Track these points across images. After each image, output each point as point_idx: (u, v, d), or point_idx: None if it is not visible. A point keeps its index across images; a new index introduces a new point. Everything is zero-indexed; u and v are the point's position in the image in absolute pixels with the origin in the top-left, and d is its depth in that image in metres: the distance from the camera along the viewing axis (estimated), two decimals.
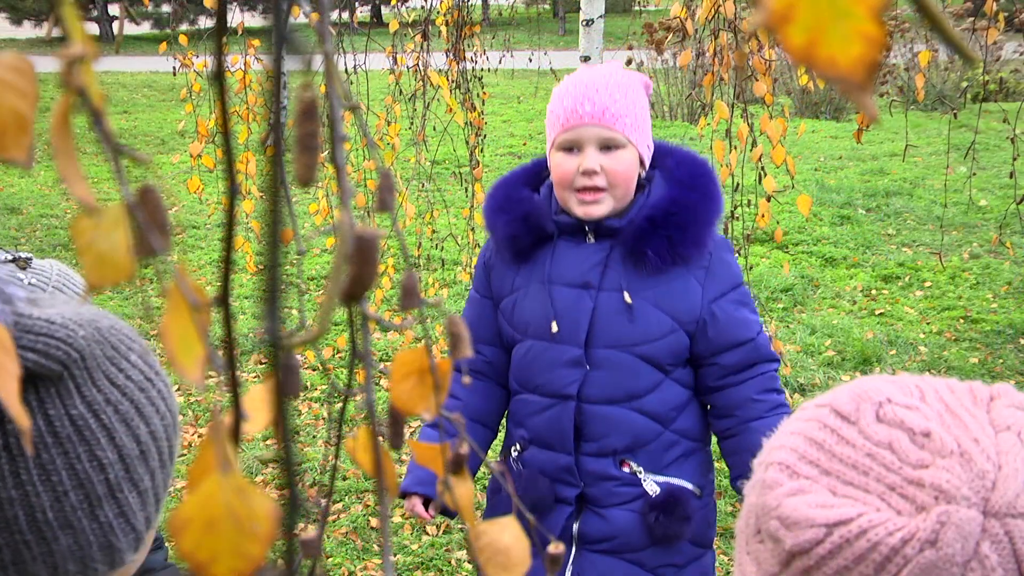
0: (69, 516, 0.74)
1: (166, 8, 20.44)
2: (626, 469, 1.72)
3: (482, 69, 4.38)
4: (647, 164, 1.71)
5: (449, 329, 0.43)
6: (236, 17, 4.09)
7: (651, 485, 1.70)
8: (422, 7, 4.00)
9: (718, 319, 1.68)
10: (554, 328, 1.70)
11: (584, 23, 3.75)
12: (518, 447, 1.80)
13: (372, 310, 0.37)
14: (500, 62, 7.99)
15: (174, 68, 4.05)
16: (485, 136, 4.38)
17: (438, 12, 3.93)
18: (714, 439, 1.81)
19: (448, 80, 3.96)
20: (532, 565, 0.44)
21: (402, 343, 4.38)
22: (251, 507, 0.33)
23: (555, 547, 0.44)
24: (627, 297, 1.67)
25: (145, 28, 24.24)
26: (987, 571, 0.60)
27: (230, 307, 0.34)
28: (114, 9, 22.33)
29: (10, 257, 1.09)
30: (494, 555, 0.43)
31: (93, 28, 22.04)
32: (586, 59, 3.75)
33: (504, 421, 1.91)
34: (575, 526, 1.75)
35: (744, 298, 1.73)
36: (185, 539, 0.32)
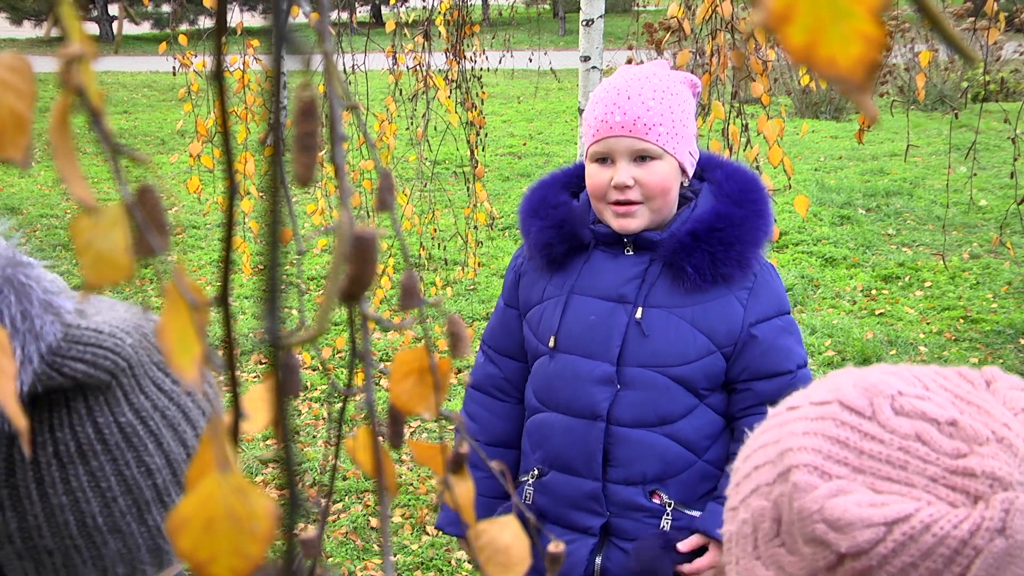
0: (118, 521, 0.75)
1: (166, 8, 20.44)
2: (656, 500, 1.60)
3: (482, 69, 4.38)
4: (690, 173, 1.62)
5: (448, 329, 0.43)
6: (236, 17, 4.10)
7: (668, 521, 1.59)
8: (422, 7, 4.00)
9: (759, 342, 1.58)
10: (551, 343, 1.62)
11: (584, 23, 3.75)
12: (536, 472, 1.67)
13: (371, 310, 0.37)
14: (500, 62, 7.99)
15: (174, 68, 4.05)
16: (487, 135, 4.38)
17: (438, 12, 3.93)
18: None
19: (448, 80, 3.96)
20: None
21: (402, 343, 4.38)
22: (250, 506, 0.33)
23: (555, 547, 0.44)
24: (664, 314, 1.58)
25: (145, 28, 24.24)
26: None
27: (230, 307, 0.34)
28: (114, 9, 22.33)
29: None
30: (494, 554, 0.43)
31: (93, 28, 22.04)
32: (586, 59, 3.75)
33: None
34: (598, 560, 1.63)
35: (790, 327, 1.63)
36: (184, 538, 0.32)
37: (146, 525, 0.77)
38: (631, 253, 1.62)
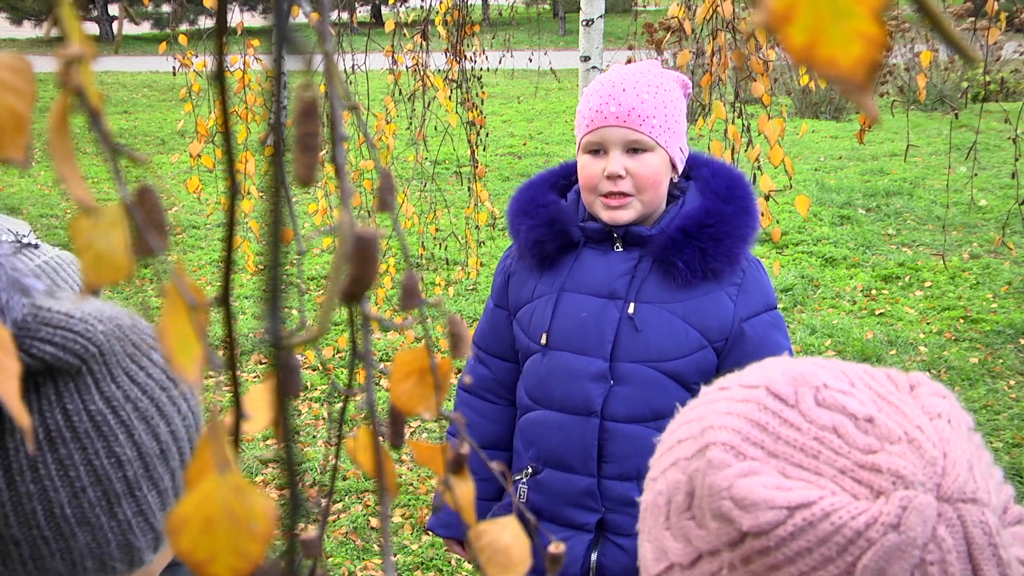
0: (87, 513, 0.75)
1: (166, 8, 20.46)
2: None
3: (482, 69, 4.38)
4: (680, 168, 1.63)
5: (449, 329, 0.43)
6: (236, 17, 4.10)
7: None
8: (421, 7, 4.00)
9: (748, 338, 1.59)
10: (543, 340, 1.63)
11: (584, 23, 3.75)
12: (529, 470, 1.68)
13: (373, 310, 0.37)
14: (500, 62, 7.99)
15: (174, 68, 4.05)
16: (487, 135, 4.39)
17: (437, 12, 3.93)
18: None
19: (448, 80, 3.96)
20: None
21: (402, 343, 4.38)
22: (249, 506, 0.33)
23: (555, 547, 0.44)
24: (656, 309, 1.59)
25: (145, 28, 24.25)
26: (943, 553, 0.62)
27: (231, 307, 0.34)
28: (114, 9, 22.34)
29: (13, 239, 1.09)
30: (494, 555, 0.43)
31: (93, 28, 22.05)
32: (586, 59, 3.75)
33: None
34: (593, 556, 1.63)
35: (777, 322, 1.64)
36: (183, 538, 0.32)
37: (116, 519, 0.76)
38: (620, 249, 1.63)
